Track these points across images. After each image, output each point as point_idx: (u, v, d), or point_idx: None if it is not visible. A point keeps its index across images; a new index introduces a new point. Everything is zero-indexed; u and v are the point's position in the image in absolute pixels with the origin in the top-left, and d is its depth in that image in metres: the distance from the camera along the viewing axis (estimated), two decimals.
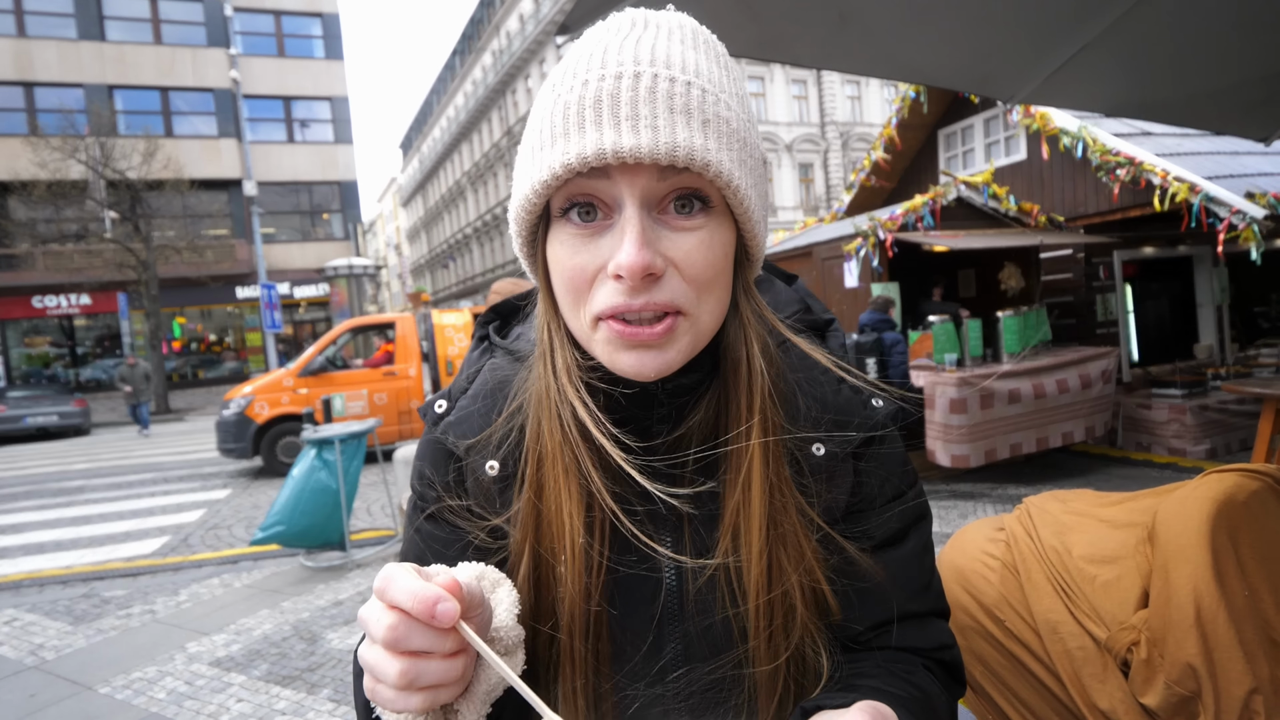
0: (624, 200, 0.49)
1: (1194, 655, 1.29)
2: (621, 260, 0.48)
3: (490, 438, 0.61)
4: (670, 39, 0.52)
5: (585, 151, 0.47)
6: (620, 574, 0.58)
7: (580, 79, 0.50)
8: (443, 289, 47.08)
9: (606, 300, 0.50)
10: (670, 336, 0.51)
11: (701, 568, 0.58)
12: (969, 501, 5.57)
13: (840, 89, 28.31)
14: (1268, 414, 4.20)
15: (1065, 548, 1.60)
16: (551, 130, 0.50)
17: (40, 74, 19.16)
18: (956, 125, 9.43)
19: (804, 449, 0.59)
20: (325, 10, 22.87)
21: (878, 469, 0.63)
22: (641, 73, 0.48)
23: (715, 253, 0.52)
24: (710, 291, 0.52)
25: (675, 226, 0.51)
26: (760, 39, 1.89)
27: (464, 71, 40.44)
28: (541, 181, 0.50)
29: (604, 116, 0.47)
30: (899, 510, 0.63)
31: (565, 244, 0.52)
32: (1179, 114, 2.51)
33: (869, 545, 0.61)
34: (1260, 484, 1.45)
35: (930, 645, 0.61)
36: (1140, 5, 1.76)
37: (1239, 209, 5.87)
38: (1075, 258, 7.81)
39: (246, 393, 8.94)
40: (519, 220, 0.56)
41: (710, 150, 0.48)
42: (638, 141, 0.47)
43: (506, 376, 0.63)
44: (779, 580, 0.56)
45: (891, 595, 0.60)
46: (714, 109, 0.49)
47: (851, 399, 0.62)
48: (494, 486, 0.61)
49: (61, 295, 19.47)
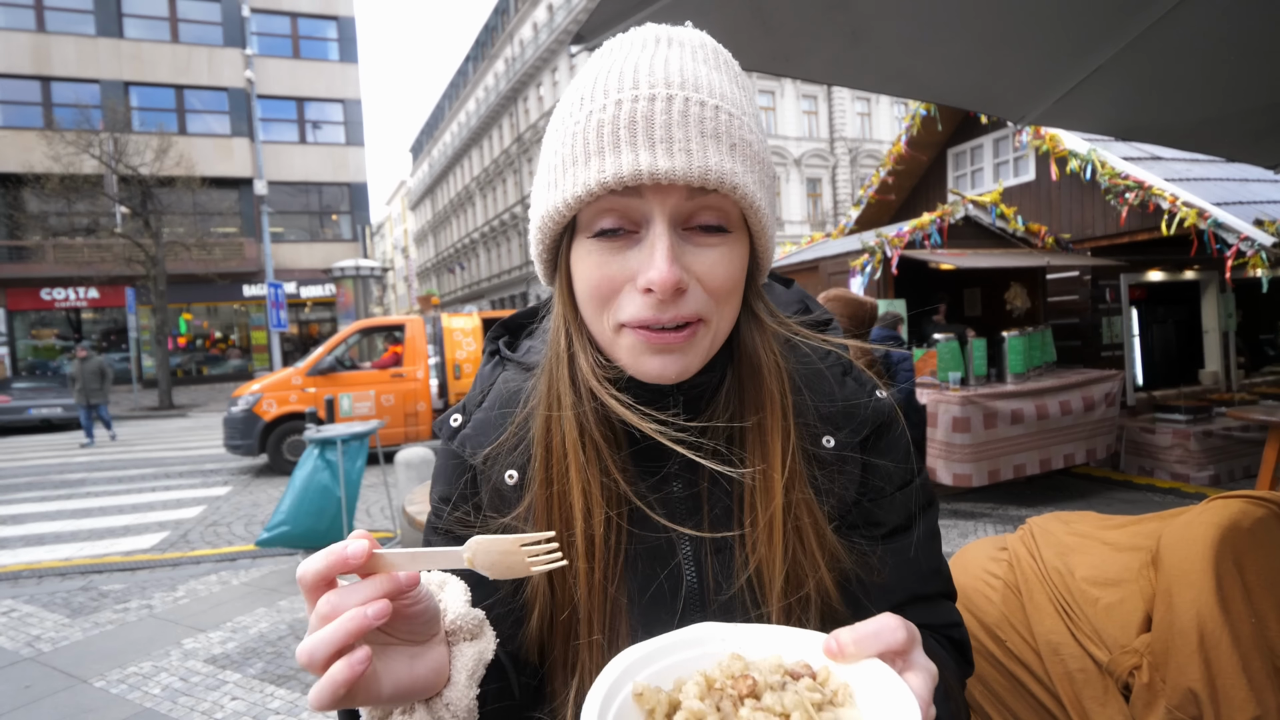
0: (654, 218, 0.52)
1: (1196, 681, 1.29)
2: (653, 277, 0.50)
3: (505, 446, 0.63)
4: (695, 60, 0.54)
5: (622, 171, 0.50)
6: (640, 569, 0.60)
7: (613, 97, 0.52)
8: (449, 293, 47.24)
9: (635, 312, 0.53)
10: (692, 342, 0.54)
11: (722, 566, 0.60)
12: (970, 521, 5.55)
13: (850, 105, 28.43)
14: (1273, 441, 4.18)
15: (1068, 569, 1.59)
16: (585, 147, 0.51)
17: (58, 69, 19.38)
18: (966, 144, 9.46)
19: (815, 444, 0.61)
20: (341, 13, 23.10)
21: (885, 458, 0.65)
22: (674, 95, 0.51)
23: (734, 266, 0.55)
24: (728, 301, 0.56)
25: (699, 243, 0.53)
26: (774, 53, 1.91)
27: (477, 78, 40.74)
28: (575, 196, 0.52)
29: (639, 138, 0.50)
30: (908, 497, 0.65)
31: (592, 255, 0.54)
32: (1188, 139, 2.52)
33: (880, 533, 0.63)
34: (1265, 511, 1.44)
35: (941, 622, 0.63)
36: (1151, 30, 1.78)
37: (1247, 235, 5.87)
38: (1082, 280, 7.80)
39: (255, 390, 8.98)
40: (545, 229, 0.57)
41: (738, 174, 0.51)
42: (672, 164, 0.49)
43: (518, 387, 0.65)
44: (796, 575, 0.58)
45: (902, 581, 0.62)
46: (739, 133, 0.52)
47: (857, 391, 0.65)
48: (512, 494, 0.62)
49: (70, 288, 19.61)
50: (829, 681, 0.43)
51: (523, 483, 0.62)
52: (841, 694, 0.43)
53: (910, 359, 5.59)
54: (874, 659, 0.43)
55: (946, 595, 0.67)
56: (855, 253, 6.77)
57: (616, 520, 0.59)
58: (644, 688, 0.44)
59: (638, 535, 0.60)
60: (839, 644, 0.43)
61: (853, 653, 0.43)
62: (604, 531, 0.58)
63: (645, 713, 0.43)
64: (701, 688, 0.43)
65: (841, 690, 0.43)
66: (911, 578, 0.63)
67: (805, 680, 0.43)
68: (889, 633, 0.43)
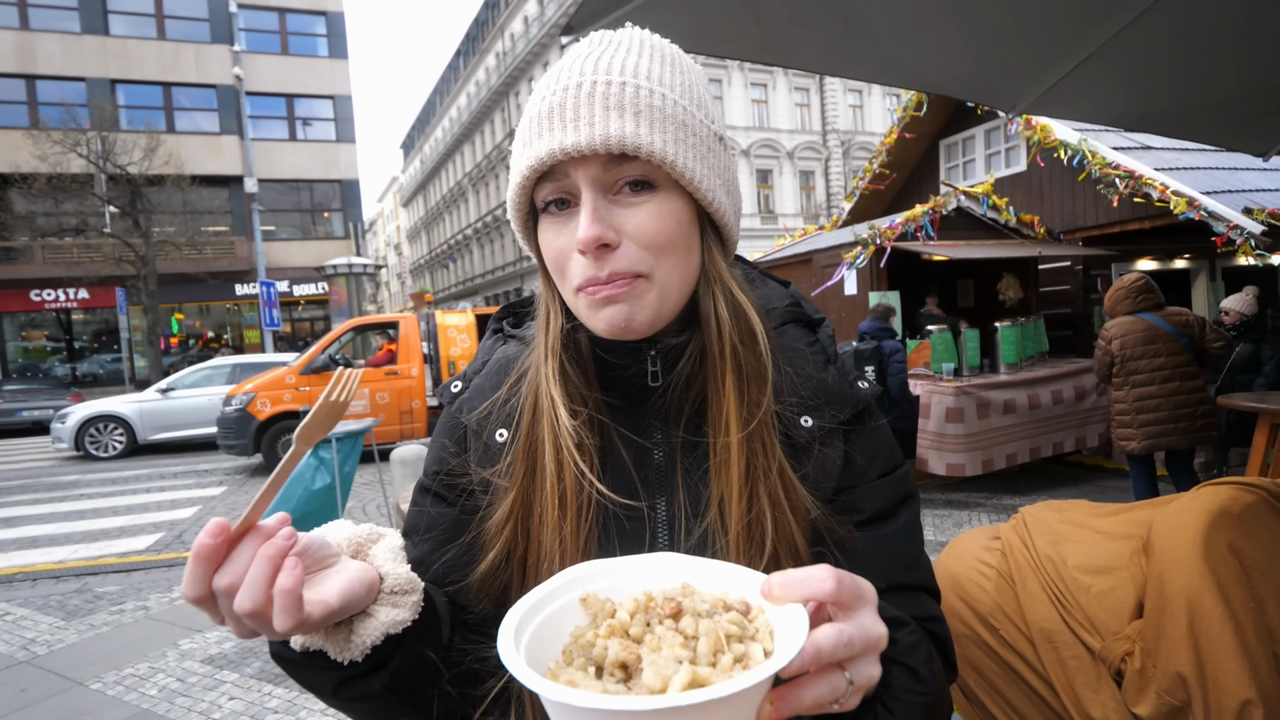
0: (580, 188, 0.58)
1: (1186, 666, 1.30)
2: (580, 235, 0.56)
3: (496, 406, 0.68)
4: (619, 50, 0.60)
5: (541, 153, 0.57)
6: (611, 528, 0.64)
7: (540, 95, 0.59)
8: (443, 289, 47.09)
9: (580, 274, 0.59)
10: (632, 292, 0.58)
11: (692, 529, 0.63)
12: (964, 511, 5.58)
13: (842, 97, 28.40)
14: (1263, 428, 4.22)
15: (1060, 557, 1.60)
16: (521, 139, 0.60)
17: (43, 67, 19.14)
18: (958, 136, 9.47)
19: (793, 421, 0.64)
20: (330, 8, 22.90)
21: (867, 446, 0.67)
22: (583, 82, 0.57)
23: (665, 221, 0.59)
24: (667, 255, 0.59)
25: (627, 204, 0.59)
26: (765, 43, 1.90)
27: (467, 73, 40.51)
28: (516, 184, 0.60)
29: (554, 123, 0.57)
30: (889, 485, 0.67)
31: (547, 230, 0.61)
32: (1179, 127, 2.53)
33: (862, 519, 0.65)
34: (1254, 497, 1.45)
35: (920, 615, 0.62)
36: (1141, 18, 1.78)
37: (1237, 224, 5.90)
38: (1073, 269, 7.83)
39: (249, 389, 8.93)
40: (513, 214, 0.64)
41: (641, 135, 0.56)
42: (578, 138, 0.55)
43: (513, 355, 0.72)
44: (759, 525, 0.60)
45: (882, 567, 0.62)
46: (647, 100, 0.57)
47: (839, 379, 0.68)
48: (499, 451, 0.67)
49: (60, 289, 19.41)
50: (756, 620, 0.45)
51: (511, 440, 0.67)
52: (762, 632, 0.44)
53: (903, 351, 5.60)
54: (798, 605, 0.43)
55: (928, 589, 0.67)
56: (848, 245, 6.78)
57: (591, 476, 0.62)
58: (590, 595, 0.48)
59: (609, 496, 0.63)
60: (769, 585, 0.44)
61: (779, 595, 0.43)
62: (574, 485, 0.62)
63: (590, 616, 0.47)
64: (639, 603, 0.46)
65: (764, 629, 0.44)
66: (892, 565, 0.64)
67: (733, 614, 0.44)
68: (816, 581, 0.43)
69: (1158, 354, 4.19)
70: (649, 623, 0.45)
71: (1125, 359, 4.25)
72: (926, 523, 5.52)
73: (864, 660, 0.44)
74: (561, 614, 0.48)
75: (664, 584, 0.48)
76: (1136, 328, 4.26)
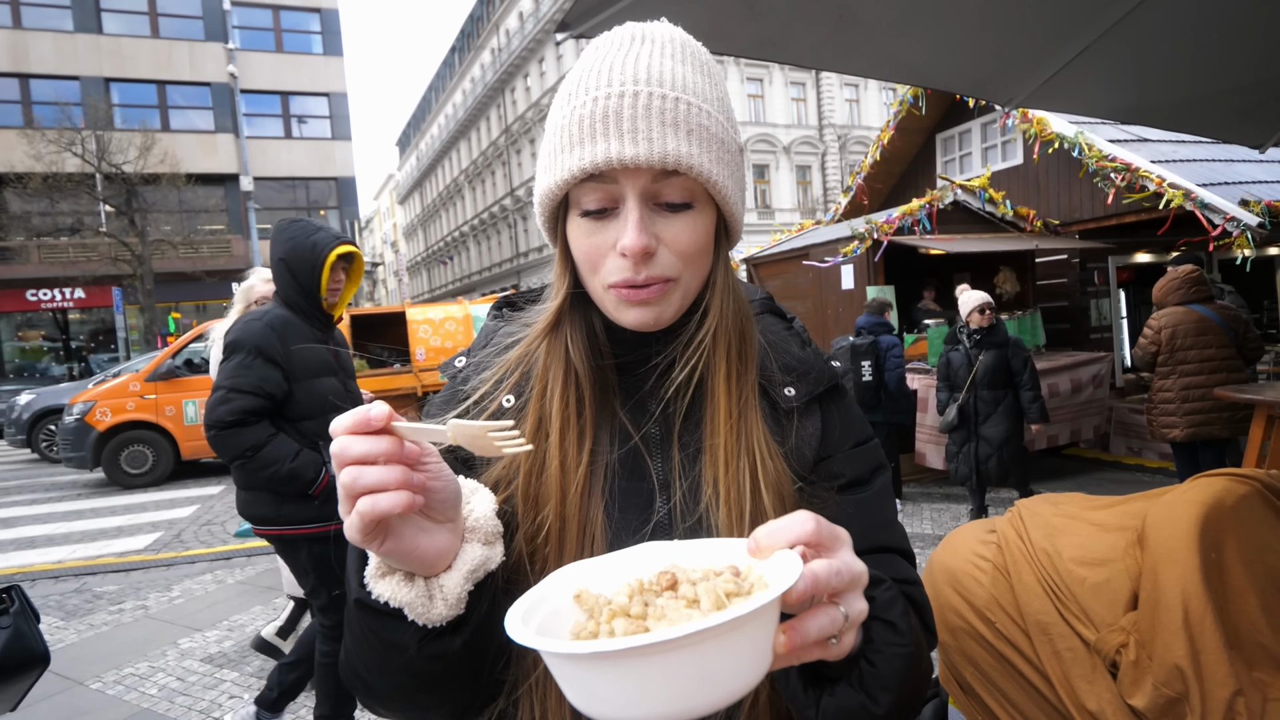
0: (627, 196, 0.62)
1: (1181, 657, 1.31)
2: (626, 243, 0.61)
3: (502, 373, 0.73)
4: (663, 55, 0.64)
5: (597, 159, 0.60)
6: (615, 498, 0.68)
7: (591, 94, 0.62)
8: (440, 286, 47.02)
9: (616, 274, 0.64)
10: (663, 296, 0.65)
11: (689, 503, 0.68)
12: (961, 504, 5.59)
13: (839, 92, 28.35)
14: (1258, 420, 4.22)
15: (1056, 550, 1.61)
16: (569, 137, 0.62)
17: (36, 66, 19.03)
18: (954, 130, 9.46)
19: (778, 392, 0.72)
20: (324, 6, 22.79)
21: (842, 417, 0.75)
22: (639, 91, 0.61)
23: (699, 233, 0.65)
24: (695, 262, 0.66)
25: (667, 214, 0.64)
26: (760, 38, 1.90)
27: (463, 69, 40.38)
28: (562, 179, 0.63)
29: (610, 129, 0.60)
30: (864, 454, 0.75)
31: (582, 228, 0.65)
32: (1175, 119, 2.53)
33: (839, 484, 0.71)
34: (1249, 488, 1.46)
35: (897, 577, 0.66)
36: (1136, 11, 1.78)
37: (1233, 215, 5.91)
38: (1070, 263, 7.84)
39: (89, 398, 8.24)
40: (544, 206, 0.68)
41: (694, 155, 0.61)
42: (636, 151, 0.60)
43: (516, 334, 0.76)
44: (744, 488, 0.66)
45: (860, 529, 0.66)
46: (697, 119, 0.62)
47: (815, 355, 0.77)
48: (502, 417, 0.71)
49: (56, 289, 19.33)
50: (749, 576, 0.47)
51: (519, 409, 0.71)
52: (757, 585, 0.46)
53: (900, 345, 5.61)
54: (786, 550, 0.46)
55: (902, 551, 0.73)
56: (844, 239, 6.77)
57: (592, 445, 0.68)
58: (583, 591, 0.50)
59: (614, 466, 0.68)
60: (755, 541, 0.48)
61: (766, 544, 0.47)
62: (575, 452, 0.67)
63: (586, 611, 0.48)
64: (633, 589, 0.48)
65: (758, 582, 0.46)
66: (870, 527, 0.70)
67: (726, 575, 0.47)
68: (797, 524, 0.47)
69: (1208, 345, 4.25)
70: (647, 602, 0.46)
71: (1175, 349, 4.30)
72: (924, 516, 5.53)
73: (852, 595, 0.49)
74: (557, 614, 0.49)
75: (650, 571, 0.50)
76: (1189, 319, 4.31)
